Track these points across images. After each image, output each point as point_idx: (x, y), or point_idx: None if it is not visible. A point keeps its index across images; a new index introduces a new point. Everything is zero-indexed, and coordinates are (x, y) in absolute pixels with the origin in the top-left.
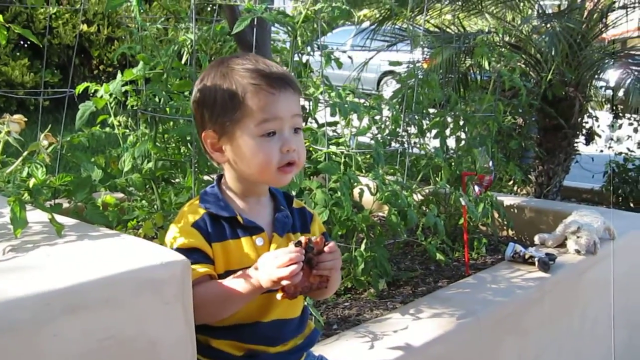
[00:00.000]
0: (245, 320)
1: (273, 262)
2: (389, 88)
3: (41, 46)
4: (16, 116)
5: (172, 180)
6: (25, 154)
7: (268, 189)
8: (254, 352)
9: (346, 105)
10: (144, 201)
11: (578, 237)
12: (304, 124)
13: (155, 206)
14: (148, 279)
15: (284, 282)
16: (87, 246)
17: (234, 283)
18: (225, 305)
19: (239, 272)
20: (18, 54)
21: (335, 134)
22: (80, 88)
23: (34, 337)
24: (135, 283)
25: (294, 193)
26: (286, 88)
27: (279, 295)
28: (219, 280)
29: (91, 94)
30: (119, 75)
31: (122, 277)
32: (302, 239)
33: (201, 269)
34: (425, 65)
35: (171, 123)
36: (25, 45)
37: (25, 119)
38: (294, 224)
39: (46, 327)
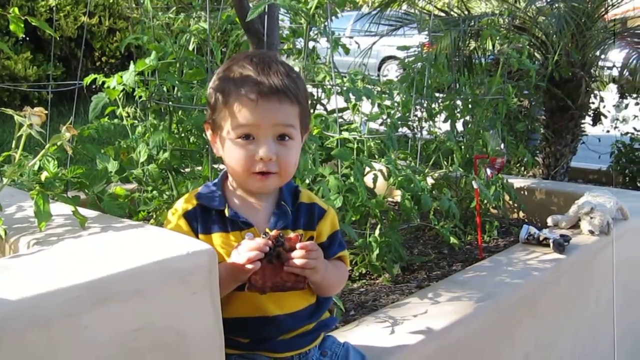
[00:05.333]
0: (237, 315)
1: (237, 249)
2: (390, 73)
3: (56, 37)
4: (37, 109)
5: (182, 170)
6: (47, 146)
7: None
8: (259, 338)
9: (359, 91)
10: (154, 192)
11: (591, 217)
12: (313, 110)
13: (167, 196)
14: (175, 269)
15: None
16: (112, 237)
17: None
18: None
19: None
20: (20, 47)
21: (342, 120)
22: (87, 80)
23: (66, 330)
24: (163, 273)
25: (308, 180)
26: (270, 97)
27: (246, 288)
28: None
29: (95, 87)
30: (131, 65)
31: (150, 267)
32: (274, 232)
33: None
34: (426, 49)
35: (180, 112)
36: (27, 39)
37: (46, 112)
38: (297, 221)
39: (77, 319)
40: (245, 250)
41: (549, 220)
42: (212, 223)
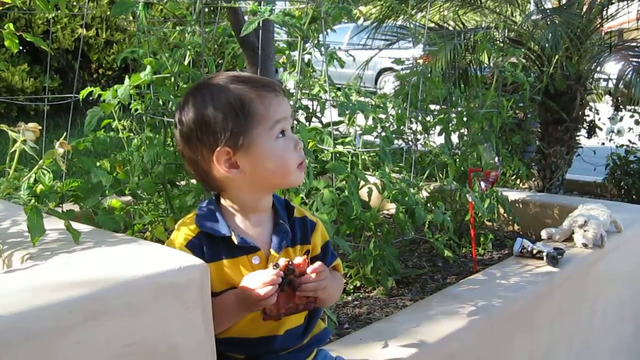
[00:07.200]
0: (237, 335)
1: (249, 285)
2: (387, 85)
3: (52, 54)
4: (31, 125)
5: (177, 183)
6: (41, 162)
7: (272, 203)
8: (256, 355)
9: (353, 105)
10: (149, 204)
11: (585, 230)
12: (308, 123)
13: (162, 209)
14: (167, 284)
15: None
16: (105, 252)
17: (222, 302)
18: (216, 322)
19: (227, 292)
20: (17, 59)
21: (338, 132)
22: (84, 93)
23: (57, 345)
24: (155, 288)
25: (302, 194)
26: (279, 91)
27: (262, 318)
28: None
29: (92, 99)
30: (126, 80)
31: (142, 282)
32: (282, 261)
33: None
34: (421, 62)
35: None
36: (24, 51)
37: (40, 127)
38: (294, 237)
39: (69, 335)
40: (260, 286)
41: (543, 234)
42: (218, 250)
